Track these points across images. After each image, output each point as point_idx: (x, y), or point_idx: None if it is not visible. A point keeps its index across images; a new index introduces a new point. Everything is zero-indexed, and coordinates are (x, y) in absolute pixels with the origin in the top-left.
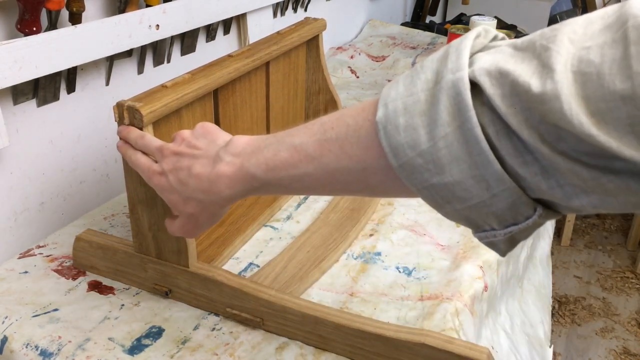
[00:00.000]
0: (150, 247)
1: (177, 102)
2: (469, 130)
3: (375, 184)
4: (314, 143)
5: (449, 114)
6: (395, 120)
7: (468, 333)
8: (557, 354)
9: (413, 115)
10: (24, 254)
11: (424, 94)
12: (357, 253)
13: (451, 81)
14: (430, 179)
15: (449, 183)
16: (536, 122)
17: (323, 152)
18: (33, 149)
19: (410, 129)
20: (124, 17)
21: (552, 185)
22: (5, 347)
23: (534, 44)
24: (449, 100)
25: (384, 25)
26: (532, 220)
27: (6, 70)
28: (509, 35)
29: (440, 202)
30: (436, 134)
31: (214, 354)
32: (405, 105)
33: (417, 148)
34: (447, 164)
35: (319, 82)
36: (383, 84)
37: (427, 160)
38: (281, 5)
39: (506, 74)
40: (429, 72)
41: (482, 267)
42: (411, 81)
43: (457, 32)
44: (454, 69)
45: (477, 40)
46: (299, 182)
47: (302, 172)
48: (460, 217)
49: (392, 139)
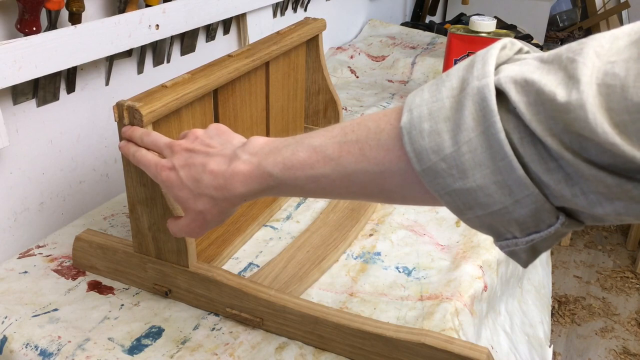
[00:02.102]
0: (150, 247)
1: (176, 102)
2: (493, 136)
3: (392, 187)
4: (333, 145)
5: (474, 120)
6: (419, 125)
7: (468, 333)
8: (557, 353)
9: (438, 120)
10: (23, 254)
11: (449, 100)
12: (357, 253)
13: (477, 87)
14: (453, 184)
15: (472, 188)
16: (560, 130)
17: (342, 153)
18: (33, 149)
19: (434, 134)
20: (123, 17)
21: (576, 193)
22: (5, 347)
23: (560, 57)
24: (474, 106)
25: (384, 25)
26: (555, 228)
27: (6, 70)
28: (509, 35)
29: (462, 207)
30: (460, 139)
31: (214, 354)
32: (430, 111)
33: (440, 153)
34: (470, 169)
35: (319, 82)
36: (383, 84)
37: (450, 165)
38: (281, 5)
39: (532, 83)
40: (454, 79)
41: (481, 267)
42: (436, 88)
43: (457, 32)
44: (479, 76)
45: (503, 51)
46: (315, 182)
47: (319, 172)
48: (482, 223)
49: (416, 144)
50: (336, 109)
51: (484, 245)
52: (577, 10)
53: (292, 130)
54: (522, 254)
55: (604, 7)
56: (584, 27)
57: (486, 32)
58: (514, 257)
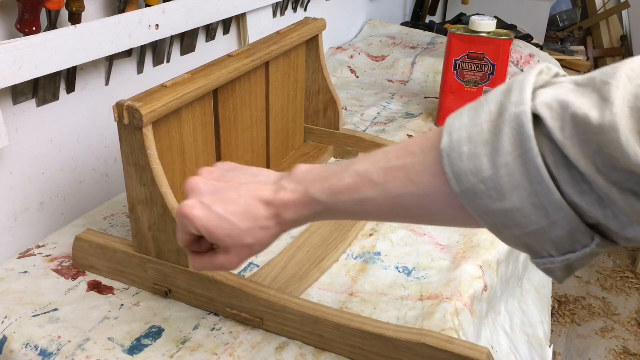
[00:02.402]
0: (150, 247)
1: (176, 102)
2: (530, 160)
3: (436, 210)
4: (378, 170)
5: (512, 144)
6: (459, 148)
7: (468, 333)
8: (557, 353)
9: (477, 144)
10: (23, 254)
11: (488, 124)
12: (357, 253)
13: (514, 114)
14: (492, 205)
15: (509, 209)
16: (592, 152)
17: (387, 179)
18: (33, 149)
19: (473, 157)
20: (123, 17)
21: (608, 215)
22: (5, 347)
23: (594, 80)
24: (512, 132)
25: (384, 25)
26: (590, 249)
27: (6, 70)
28: (509, 35)
29: (500, 227)
30: (498, 162)
31: (214, 354)
32: (469, 134)
33: (479, 175)
34: (508, 191)
35: (319, 82)
36: (383, 84)
37: (489, 187)
38: (281, 5)
39: (566, 107)
40: (492, 104)
41: (481, 267)
42: (475, 113)
43: (457, 32)
44: (517, 103)
45: (540, 76)
46: (361, 206)
47: (365, 197)
48: (519, 243)
49: (456, 166)
50: (336, 109)
51: (484, 245)
52: (577, 10)
53: (292, 130)
54: (558, 272)
55: (604, 7)
56: (584, 27)
57: (486, 32)
58: (550, 274)
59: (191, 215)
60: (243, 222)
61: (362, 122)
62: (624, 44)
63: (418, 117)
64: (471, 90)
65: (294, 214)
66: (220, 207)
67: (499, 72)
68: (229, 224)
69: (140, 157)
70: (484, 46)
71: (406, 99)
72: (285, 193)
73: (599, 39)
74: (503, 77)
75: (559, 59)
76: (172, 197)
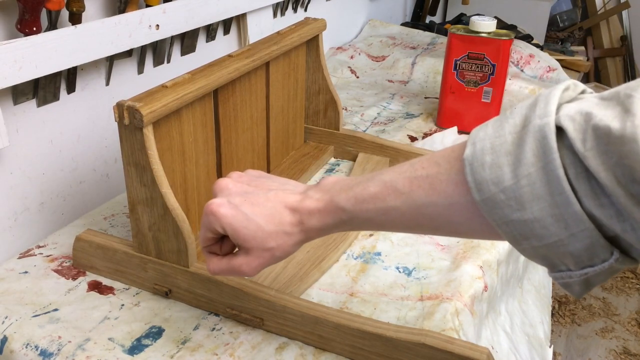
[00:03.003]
0: (150, 247)
1: (177, 102)
2: (552, 172)
3: (459, 220)
4: (403, 179)
5: (534, 155)
6: (481, 157)
7: (468, 333)
8: (557, 354)
9: (499, 154)
10: (24, 254)
11: (511, 136)
12: (357, 253)
13: (538, 125)
14: (511, 214)
15: (529, 220)
16: (613, 164)
17: (412, 187)
18: (33, 149)
19: (495, 167)
20: (124, 17)
21: (625, 229)
22: (5, 347)
23: (618, 94)
24: (535, 143)
25: (384, 25)
26: (609, 263)
27: (6, 70)
28: (509, 35)
29: (519, 238)
30: (520, 173)
31: (214, 354)
32: (492, 145)
33: (500, 184)
34: (528, 202)
35: (319, 82)
36: (383, 84)
37: (509, 196)
38: (281, 5)
39: (589, 119)
40: (517, 117)
41: (482, 267)
42: (500, 124)
43: (457, 32)
44: (541, 115)
45: (566, 92)
46: (385, 215)
47: (389, 205)
48: (537, 254)
49: (477, 175)
50: (336, 109)
51: (484, 246)
52: (577, 10)
53: (292, 130)
54: (575, 286)
55: (604, 7)
56: (584, 27)
57: (486, 32)
58: (567, 288)
59: (219, 212)
60: (268, 225)
61: (362, 122)
62: (624, 44)
63: (418, 117)
64: (471, 90)
65: (318, 221)
66: (247, 208)
67: (499, 72)
68: (255, 225)
69: (141, 157)
70: (484, 46)
71: (406, 99)
72: (311, 201)
73: (599, 39)
74: (503, 77)
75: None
76: (172, 197)
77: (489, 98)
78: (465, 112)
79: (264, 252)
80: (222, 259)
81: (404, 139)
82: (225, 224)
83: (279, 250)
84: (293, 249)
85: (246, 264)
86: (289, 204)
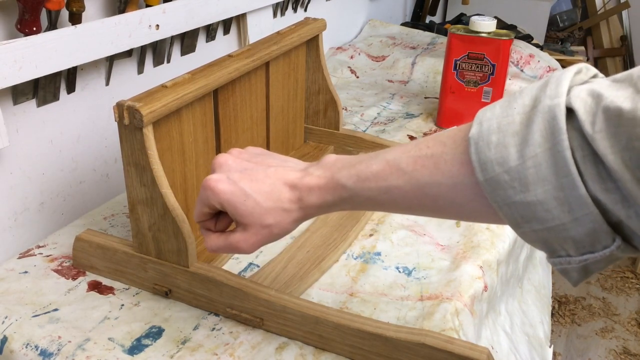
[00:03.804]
0: (150, 247)
1: (177, 102)
2: (559, 153)
3: (462, 201)
4: (407, 158)
5: (542, 136)
6: (487, 137)
7: (468, 333)
8: (557, 354)
9: (506, 134)
10: (23, 254)
11: (520, 116)
12: (357, 253)
13: (548, 106)
14: (514, 196)
15: (532, 202)
16: (621, 147)
17: (416, 167)
18: (33, 149)
19: (501, 147)
20: (123, 17)
21: (630, 215)
22: (5, 347)
23: (631, 75)
24: (544, 124)
25: (384, 25)
26: (610, 250)
27: (6, 70)
28: (509, 35)
29: (520, 221)
30: (526, 153)
31: (214, 354)
32: (499, 124)
33: (505, 165)
34: (532, 183)
35: (319, 82)
36: (383, 84)
37: (513, 177)
38: (281, 5)
39: (599, 100)
40: (527, 97)
41: (481, 267)
42: (508, 104)
43: (457, 32)
44: (552, 96)
45: (578, 75)
46: (387, 194)
47: (392, 184)
48: (538, 238)
49: (482, 154)
50: (336, 109)
51: (484, 246)
52: (577, 10)
53: (292, 130)
54: (573, 273)
55: (604, 7)
56: (584, 27)
57: (486, 32)
58: (565, 275)
59: (216, 188)
60: (266, 201)
61: (362, 122)
62: (624, 44)
63: (418, 117)
64: (471, 90)
65: (318, 198)
66: (246, 184)
67: (499, 72)
68: (252, 201)
69: (141, 157)
70: (484, 46)
71: (406, 99)
72: (311, 178)
73: (599, 39)
74: (503, 77)
75: (559, 59)
76: (172, 197)
77: (489, 98)
78: (465, 112)
79: (262, 229)
80: (220, 235)
81: (404, 139)
82: (223, 199)
83: (277, 227)
84: (291, 226)
85: (244, 240)
86: (289, 180)
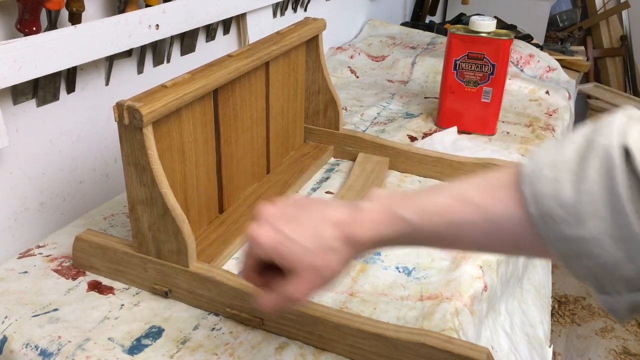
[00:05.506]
0: (150, 247)
1: (176, 102)
2: (615, 190)
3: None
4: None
5: (598, 174)
6: (540, 171)
7: (468, 333)
8: (557, 353)
9: (560, 170)
10: (23, 254)
11: (573, 155)
12: None
13: (603, 145)
14: (567, 230)
15: (586, 238)
16: None
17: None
18: (33, 149)
19: (555, 182)
20: (123, 17)
21: None
22: (5, 347)
23: None
24: (599, 162)
25: (384, 25)
26: None
27: (6, 70)
28: (509, 35)
29: (572, 257)
30: (581, 189)
31: (214, 354)
32: (553, 161)
33: (559, 199)
34: (587, 219)
35: (319, 82)
36: (383, 84)
37: (568, 212)
38: (281, 5)
39: None
40: (579, 138)
41: (481, 267)
42: (561, 144)
43: (457, 32)
44: (606, 136)
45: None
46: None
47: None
48: (588, 274)
49: (536, 188)
50: (336, 109)
51: None
52: (577, 10)
53: (292, 130)
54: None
55: (604, 7)
56: (584, 27)
57: (486, 32)
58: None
59: (259, 236)
60: (309, 241)
61: (362, 122)
62: (624, 44)
63: (418, 117)
64: (471, 90)
65: (372, 232)
66: (288, 229)
67: (499, 72)
68: (296, 245)
69: (140, 157)
70: (484, 46)
71: (406, 99)
72: (364, 213)
73: (598, 39)
74: (503, 77)
75: (559, 59)
76: (172, 197)
77: (488, 98)
78: (465, 112)
79: (311, 273)
80: (271, 292)
81: (404, 138)
82: (266, 247)
83: (326, 269)
84: (340, 266)
85: (295, 288)
86: (332, 218)
